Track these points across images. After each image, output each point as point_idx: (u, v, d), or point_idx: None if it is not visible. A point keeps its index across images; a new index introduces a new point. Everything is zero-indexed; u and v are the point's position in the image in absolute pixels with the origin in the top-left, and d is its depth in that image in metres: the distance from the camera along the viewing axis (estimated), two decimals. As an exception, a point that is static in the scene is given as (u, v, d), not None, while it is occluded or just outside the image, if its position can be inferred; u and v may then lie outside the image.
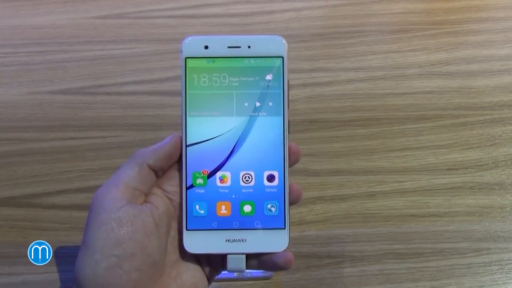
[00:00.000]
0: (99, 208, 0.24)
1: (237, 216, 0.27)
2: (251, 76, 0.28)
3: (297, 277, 0.38)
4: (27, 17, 0.51)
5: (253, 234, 0.27)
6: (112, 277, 0.23)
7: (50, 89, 0.46)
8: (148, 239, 0.24)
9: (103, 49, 0.49)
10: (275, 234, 0.27)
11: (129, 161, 0.26)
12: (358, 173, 0.42)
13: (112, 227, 0.24)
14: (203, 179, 0.28)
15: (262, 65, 0.28)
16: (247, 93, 0.28)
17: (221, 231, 0.27)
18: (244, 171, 0.28)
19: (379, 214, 0.40)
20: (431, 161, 0.42)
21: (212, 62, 0.28)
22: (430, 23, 0.51)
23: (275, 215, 0.27)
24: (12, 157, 0.43)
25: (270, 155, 0.28)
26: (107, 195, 0.25)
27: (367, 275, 0.37)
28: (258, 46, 0.28)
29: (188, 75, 0.28)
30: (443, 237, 0.39)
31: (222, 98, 0.28)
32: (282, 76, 0.28)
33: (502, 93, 0.46)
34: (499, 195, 0.41)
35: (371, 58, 0.48)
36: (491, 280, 0.37)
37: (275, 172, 0.28)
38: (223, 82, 0.28)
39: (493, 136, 0.43)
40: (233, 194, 0.28)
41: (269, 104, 0.28)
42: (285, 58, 0.28)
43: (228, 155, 0.28)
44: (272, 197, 0.28)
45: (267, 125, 0.28)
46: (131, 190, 0.25)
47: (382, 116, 0.44)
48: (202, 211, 0.27)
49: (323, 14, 0.52)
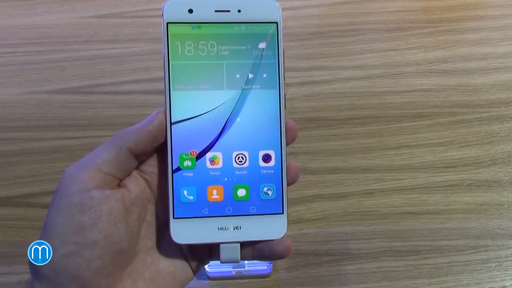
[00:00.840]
0: (63, 190, 0.23)
1: (230, 201, 0.25)
2: (242, 44, 0.25)
3: (295, 274, 0.38)
4: (25, 17, 0.51)
5: (249, 220, 0.25)
6: (70, 264, 0.22)
7: (47, 88, 0.46)
8: (115, 227, 0.23)
9: (101, 48, 0.49)
10: (273, 220, 0.25)
11: (109, 142, 0.24)
12: (356, 171, 0.42)
13: (73, 212, 0.22)
14: (191, 161, 0.25)
15: (255, 31, 0.25)
16: (239, 63, 0.25)
17: (213, 218, 0.25)
18: (237, 151, 0.25)
19: (377, 212, 0.40)
20: (429, 159, 0.42)
21: (198, 28, 0.25)
22: (428, 21, 0.51)
23: (272, 199, 0.25)
24: (10, 157, 0.43)
25: (266, 132, 0.25)
26: (74, 178, 0.23)
27: (365, 273, 0.37)
28: (249, 10, 0.25)
29: (171, 43, 0.24)
30: (441, 234, 0.39)
31: (210, 69, 0.25)
32: (277, 44, 0.25)
33: (499, 91, 0.46)
34: (496, 192, 0.41)
35: (369, 56, 0.48)
36: (488, 277, 0.37)
37: (271, 151, 0.25)
38: (211, 51, 0.25)
39: (491, 134, 0.44)
40: (226, 177, 0.25)
41: (263, 75, 0.25)
42: (280, 24, 0.25)
43: (218, 134, 0.25)
44: (268, 179, 0.25)
45: (262, 99, 0.25)
46: (102, 175, 0.23)
47: (380, 114, 0.44)
48: (190, 196, 0.25)
49: (320, 13, 0.52)
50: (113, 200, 0.23)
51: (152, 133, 0.24)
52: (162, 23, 0.25)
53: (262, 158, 0.25)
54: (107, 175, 0.23)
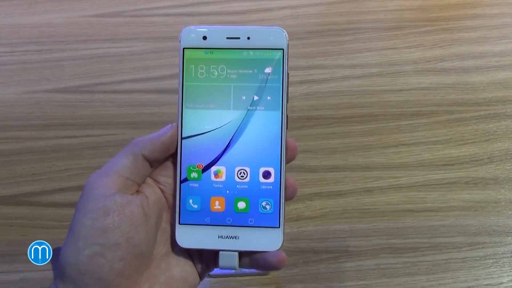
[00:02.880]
0: (88, 195, 0.24)
1: (231, 213, 0.27)
2: (249, 68, 0.27)
3: (294, 272, 0.38)
4: (24, 16, 0.51)
5: (246, 231, 0.27)
6: (94, 265, 0.23)
7: (47, 88, 0.46)
8: (135, 230, 0.24)
9: (100, 47, 0.49)
10: (269, 233, 0.26)
11: (125, 150, 0.26)
12: (354, 169, 0.42)
13: (97, 215, 0.23)
14: (198, 173, 0.27)
15: (262, 57, 0.27)
16: (245, 86, 0.27)
17: (214, 227, 0.27)
18: (239, 166, 0.27)
19: (376, 210, 0.40)
20: (427, 157, 0.42)
21: (211, 53, 0.27)
22: (425, 20, 0.51)
23: (270, 213, 0.27)
24: (10, 156, 0.43)
25: (267, 151, 0.27)
26: (97, 183, 0.24)
27: (364, 270, 0.38)
28: (257, 37, 0.27)
29: (186, 66, 0.27)
30: (438, 231, 0.39)
31: (219, 90, 0.27)
32: (282, 69, 0.27)
33: (497, 89, 0.46)
34: (494, 190, 0.41)
35: (367, 55, 0.48)
36: (486, 274, 0.37)
37: (271, 168, 0.27)
38: (221, 74, 0.27)
39: (488, 132, 0.44)
40: (228, 190, 0.27)
41: (267, 98, 0.27)
42: (286, 50, 0.27)
43: (223, 150, 0.27)
44: (267, 195, 0.27)
45: (265, 120, 0.27)
46: (123, 180, 0.25)
47: (378, 112, 0.45)
48: (195, 205, 0.27)
49: (319, 12, 0.52)
50: (134, 205, 0.24)
51: (165, 143, 0.26)
52: (180, 48, 0.27)
53: (262, 174, 0.27)
54: (127, 180, 0.25)
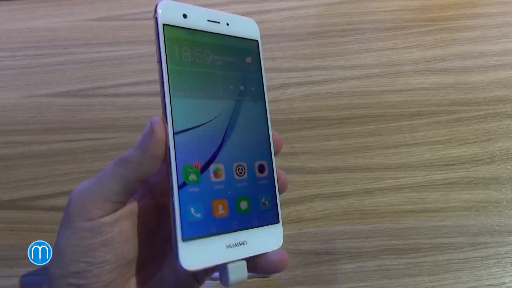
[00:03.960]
0: (71, 217, 0.23)
1: (235, 215, 0.24)
2: (232, 56, 0.25)
3: (296, 274, 0.38)
4: (24, 21, 0.51)
5: (252, 234, 0.24)
6: (81, 279, 0.22)
7: (47, 92, 0.46)
8: (125, 244, 0.23)
9: (100, 51, 0.49)
10: (271, 230, 0.25)
11: (113, 170, 0.23)
12: (354, 170, 0.42)
13: (83, 236, 0.22)
14: (196, 174, 0.23)
15: (241, 46, 0.26)
16: (231, 74, 0.25)
17: (221, 236, 0.23)
18: (236, 162, 0.24)
19: (376, 211, 0.40)
20: (427, 157, 0.42)
21: (193, 34, 0.24)
22: (425, 20, 0.51)
23: (269, 209, 0.25)
24: (11, 160, 0.43)
25: (259, 143, 0.25)
26: (83, 207, 0.23)
27: (365, 271, 0.38)
28: (235, 25, 0.26)
29: (168, 46, 0.23)
30: (440, 232, 0.39)
31: (207, 77, 0.24)
32: (260, 61, 0.26)
33: (497, 88, 0.46)
34: (495, 190, 0.41)
35: (366, 55, 0.48)
36: (488, 274, 0.37)
37: (264, 162, 0.25)
38: (206, 60, 0.24)
39: (489, 131, 0.44)
40: (229, 190, 0.24)
41: (251, 88, 0.26)
42: (260, 42, 0.26)
43: (219, 144, 0.24)
44: (264, 190, 0.25)
45: (253, 110, 0.25)
46: (111, 205, 0.23)
47: (378, 113, 0.45)
48: (198, 214, 0.23)
49: (318, 13, 0.52)
50: (123, 220, 0.23)
51: (155, 156, 0.22)
52: (157, 24, 0.23)
53: (258, 168, 0.25)
54: (115, 203, 0.23)
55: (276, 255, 0.24)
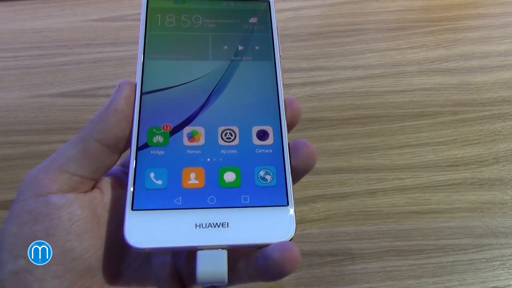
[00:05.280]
0: (18, 197, 0.19)
1: (215, 189, 0.19)
2: (230, 18, 0.23)
3: (298, 275, 0.38)
4: (27, 21, 0.51)
5: (239, 215, 0.18)
6: (20, 284, 0.17)
7: (50, 92, 0.46)
8: (77, 239, 0.18)
9: (103, 51, 0.49)
10: (274, 214, 0.18)
11: (75, 136, 0.20)
12: (358, 170, 0.42)
13: (24, 221, 0.18)
14: (164, 136, 0.20)
15: (245, 8, 0.23)
16: (227, 35, 0.22)
17: (188, 211, 0.18)
18: (224, 126, 0.20)
19: (380, 212, 0.40)
20: (431, 158, 0.42)
21: (182, 2, 0.23)
22: (428, 20, 0.51)
23: (272, 187, 0.19)
24: (13, 160, 0.43)
25: (260, 106, 0.21)
26: (32, 181, 0.19)
27: (368, 273, 0.37)
28: None
29: (150, 15, 0.22)
30: (444, 233, 0.39)
31: (193, 40, 0.22)
32: (270, 21, 0.23)
33: (501, 89, 0.46)
34: (500, 191, 0.41)
35: (370, 56, 0.48)
36: (493, 276, 0.37)
37: (268, 127, 0.20)
38: (195, 24, 0.22)
39: (493, 132, 0.43)
40: (208, 157, 0.19)
41: (255, 48, 0.22)
42: (272, 2, 0.24)
43: (201, 106, 0.20)
44: (266, 161, 0.20)
45: (255, 70, 0.22)
46: (67, 177, 0.19)
47: (382, 113, 0.44)
48: (159, 181, 0.19)
49: (321, 13, 0.52)
50: (76, 206, 0.18)
51: (120, 111, 0.19)
52: None
53: (256, 134, 0.20)
54: (73, 176, 0.19)
55: (280, 250, 0.17)
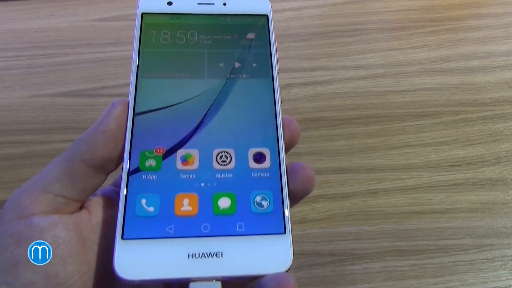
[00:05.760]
0: (3, 212, 0.18)
1: (208, 216, 0.18)
2: (227, 34, 0.22)
3: (299, 275, 0.38)
4: (28, 21, 0.51)
5: (234, 244, 0.17)
6: None
7: (52, 91, 0.47)
8: (61, 263, 0.17)
9: (104, 51, 0.49)
10: (270, 243, 0.18)
11: (60, 155, 0.19)
12: (359, 170, 0.42)
13: (6, 244, 0.17)
14: (156, 160, 0.19)
15: (242, 23, 0.22)
16: (223, 52, 0.22)
17: (181, 241, 0.17)
18: (219, 148, 0.19)
19: (381, 212, 0.40)
20: (433, 158, 0.42)
21: (177, 19, 0.22)
22: (430, 20, 0.51)
23: (268, 213, 0.18)
24: (15, 160, 0.43)
25: (257, 127, 0.20)
26: (15, 202, 0.18)
27: (370, 273, 0.37)
28: (235, 3, 0.23)
29: (144, 32, 0.21)
30: (445, 233, 0.39)
31: (188, 57, 0.21)
32: (269, 36, 0.22)
33: (503, 89, 0.46)
34: (501, 191, 0.40)
35: (371, 56, 0.48)
36: (494, 276, 0.37)
37: (265, 150, 0.20)
38: (191, 40, 0.22)
39: (495, 132, 0.43)
40: (203, 182, 0.19)
41: (252, 65, 0.21)
42: (270, 16, 0.23)
43: (195, 128, 0.20)
44: (262, 186, 0.19)
45: (252, 88, 0.21)
46: (50, 198, 0.18)
47: (383, 113, 0.44)
48: (150, 208, 0.18)
49: (322, 13, 0.52)
50: (60, 228, 0.17)
51: (109, 132, 0.19)
52: (136, 14, 0.22)
53: (253, 157, 0.19)
54: (56, 197, 0.18)
55: (275, 282, 0.16)
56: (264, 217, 0.18)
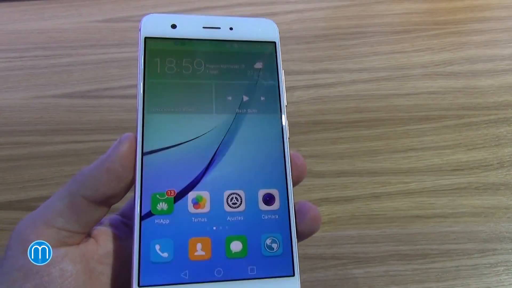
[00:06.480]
0: (8, 251, 0.18)
1: (221, 260, 0.18)
2: (235, 63, 0.21)
3: (302, 278, 0.37)
4: (32, 22, 0.51)
5: (246, 287, 0.18)
6: None
7: (55, 93, 0.47)
8: None
9: (107, 52, 0.49)
10: (280, 285, 0.18)
11: (64, 188, 0.19)
12: (362, 174, 0.41)
13: (15, 279, 0.17)
14: (168, 203, 0.19)
15: (249, 50, 0.22)
16: (231, 84, 0.21)
17: (196, 286, 0.18)
18: (229, 190, 0.19)
19: (384, 215, 0.40)
20: (436, 162, 0.42)
21: (182, 44, 0.21)
22: (433, 23, 0.50)
23: (278, 256, 0.19)
24: (18, 161, 0.43)
25: (266, 167, 0.20)
26: (20, 235, 0.18)
27: (372, 277, 0.37)
28: (242, 28, 0.22)
29: (148, 59, 0.20)
30: (448, 238, 0.39)
31: (195, 89, 0.21)
32: (276, 65, 0.22)
33: (506, 93, 0.46)
34: (504, 196, 0.40)
35: (375, 59, 0.48)
36: (497, 281, 0.37)
37: (274, 190, 0.20)
38: (197, 70, 0.21)
39: (498, 136, 0.43)
40: (214, 226, 0.19)
41: (260, 98, 0.21)
42: (278, 43, 0.22)
43: (205, 168, 0.19)
44: (272, 228, 0.19)
45: (260, 125, 0.21)
46: (54, 232, 0.18)
47: (386, 117, 0.44)
48: (165, 254, 0.18)
49: (325, 16, 0.52)
50: (67, 261, 0.18)
51: (113, 171, 0.18)
52: (139, 39, 0.21)
53: (262, 199, 0.20)
54: (60, 230, 0.18)
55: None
56: (274, 259, 0.19)
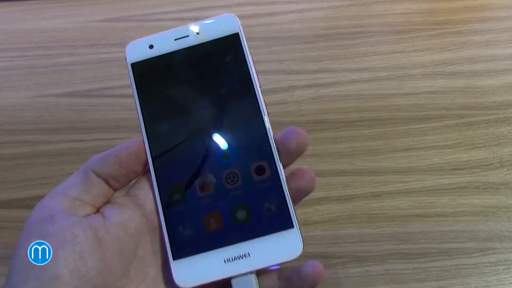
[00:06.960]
0: (29, 221, 0.21)
1: (232, 227, 0.23)
2: (207, 62, 0.25)
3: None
4: (33, 21, 0.51)
5: (256, 244, 0.22)
6: None
7: (56, 92, 0.47)
8: (81, 259, 0.20)
9: (109, 52, 0.49)
10: (283, 237, 0.22)
11: (80, 167, 0.23)
12: (362, 173, 0.42)
13: (33, 238, 0.20)
14: (181, 193, 0.23)
15: (216, 47, 0.25)
16: (208, 82, 0.25)
17: (217, 251, 0.22)
18: (226, 170, 0.24)
19: (384, 214, 0.40)
20: (436, 161, 0.42)
21: (162, 60, 0.25)
22: (434, 23, 0.51)
23: (277, 214, 0.23)
24: (19, 160, 0.43)
25: (253, 144, 0.24)
26: (40, 206, 0.21)
27: (372, 275, 0.37)
28: (207, 30, 0.25)
29: (138, 81, 0.25)
30: (448, 237, 0.39)
31: (181, 95, 0.25)
32: (243, 53, 0.25)
33: (507, 93, 0.46)
34: (504, 195, 0.40)
35: (375, 58, 0.48)
36: (497, 280, 0.37)
37: (263, 162, 0.23)
38: (179, 78, 0.25)
39: (499, 136, 0.43)
40: (221, 202, 0.23)
41: (235, 87, 0.24)
42: (241, 33, 0.25)
43: (203, 157, 0.24)
44: (267, 193, 0.23)
45: (240, 111, 0.24)
46: (70, 200, 0.21)
47: (386, 116, 0.44)
48: (187, 232, 0.23)
49: (326, 15, 0.52)
50: (78, 227, 0.20)
51: (118, 158, 0.23)
52: (127, 66, 0.25)
53: (255, 171, 0.23)
54: (75, 200, 0.22)
55: (310, 267, 0.22)
56: (274, 218, 0.23)
